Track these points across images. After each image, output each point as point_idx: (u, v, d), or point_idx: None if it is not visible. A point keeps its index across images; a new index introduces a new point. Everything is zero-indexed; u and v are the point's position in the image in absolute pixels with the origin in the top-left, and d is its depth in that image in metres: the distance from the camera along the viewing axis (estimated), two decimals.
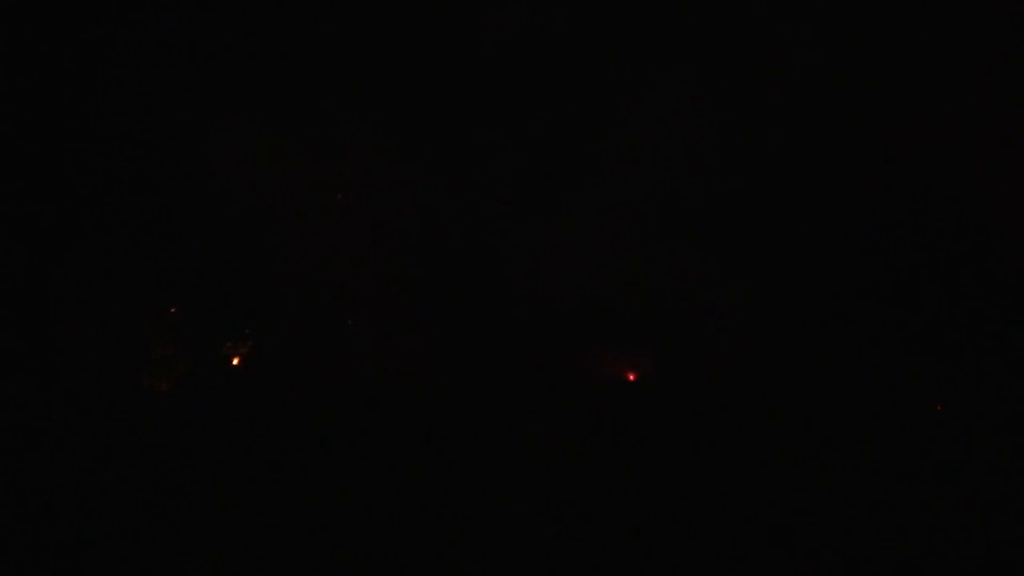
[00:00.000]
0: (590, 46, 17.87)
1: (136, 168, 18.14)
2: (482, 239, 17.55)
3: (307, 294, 17.63)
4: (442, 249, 17.84)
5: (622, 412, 14.82)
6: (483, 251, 17.35)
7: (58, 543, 7.42)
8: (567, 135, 17.75)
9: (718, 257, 17.33)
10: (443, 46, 18.00)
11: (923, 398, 16.04)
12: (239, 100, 17.87)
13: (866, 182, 18.20)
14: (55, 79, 18.23)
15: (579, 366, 16.66)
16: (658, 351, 17.16)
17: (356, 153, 17.82)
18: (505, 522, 7.88)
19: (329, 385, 16.71)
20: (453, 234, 17.88)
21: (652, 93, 17.64)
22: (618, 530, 7.63)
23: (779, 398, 15.52)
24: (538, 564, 6.89)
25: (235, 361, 18.58)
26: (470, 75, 17.86)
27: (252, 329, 18.64)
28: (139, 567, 6.92)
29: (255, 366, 18.10)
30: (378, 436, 13.09)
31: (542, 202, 17.49)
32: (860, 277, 18.37)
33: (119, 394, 16.69)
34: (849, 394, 16.40)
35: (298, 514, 8.19)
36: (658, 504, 8.50)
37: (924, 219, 17.91)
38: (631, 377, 17.30)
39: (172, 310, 18.69)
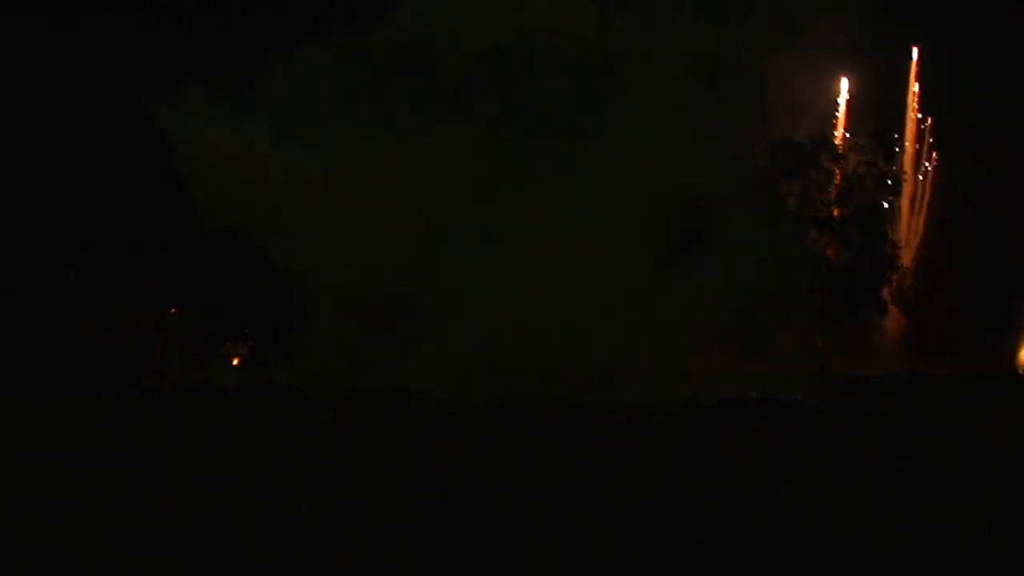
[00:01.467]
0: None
1: (137, 172, 18.19)
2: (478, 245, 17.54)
3: (306, 295, 17.64)
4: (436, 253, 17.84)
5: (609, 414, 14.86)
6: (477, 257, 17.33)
7: (58, 542, 7.42)
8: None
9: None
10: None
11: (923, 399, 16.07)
12: (240, 106, 17.91)
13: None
14: (58, 84, 18.27)
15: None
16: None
17: (353, 159, 17.84)
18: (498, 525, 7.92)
19: (327, 384, 16.73)
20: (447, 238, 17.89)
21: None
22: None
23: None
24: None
25: (235, 361, 18.62)
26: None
27: (252, 329, 18.68)
28: (140, 565, 6.92)
29: (255, 366, 18.12)
30: (376, 436, 13.09)
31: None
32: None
33: (119, 394, 16.71)
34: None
35: (297, 514, 8.20)
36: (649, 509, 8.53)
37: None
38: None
39: (172, 310, 18.73)
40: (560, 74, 17.82)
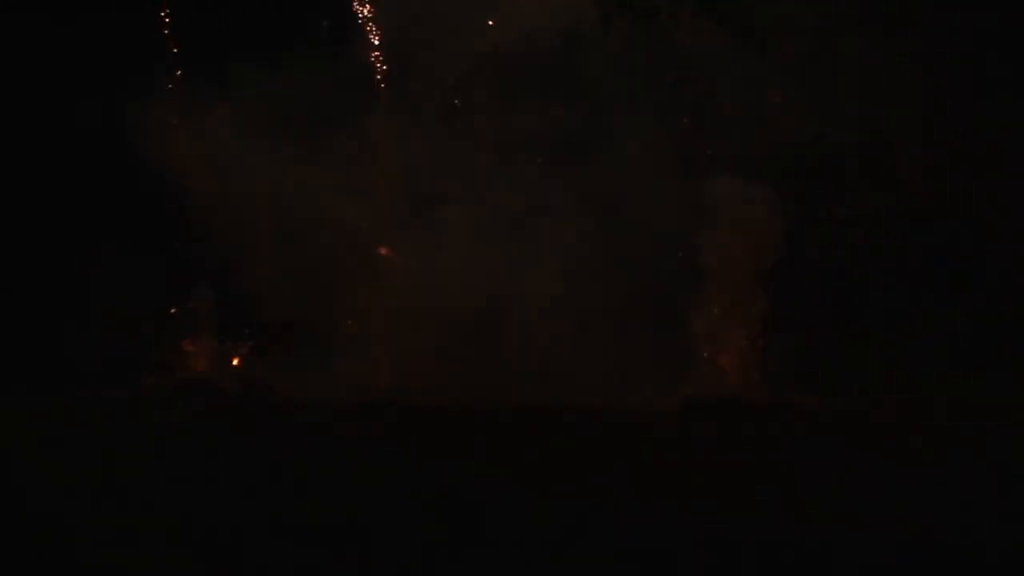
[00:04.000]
0: None
1: (136, 171, 18.19)
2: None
3: (307, 294, 17.68)
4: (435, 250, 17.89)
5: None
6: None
7: (57, 543, 7.43)
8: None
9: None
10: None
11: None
12: (240, 106, 17.93)
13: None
14: (59, 86, 18.29)
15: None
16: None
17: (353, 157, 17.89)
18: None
19: (327, 384, 16.75)
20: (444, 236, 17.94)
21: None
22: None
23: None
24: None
25: (235, 361, 18.59)
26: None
27: (252, 329, 18.65)
28: (139, 567, 6.94)
29: (255, 366, 18.11)
30: (376, 435, 13.12)
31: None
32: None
33: (119, 394, 16.73)
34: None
35: (297, 515, 8.22)
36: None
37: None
38: None
39: (172, 310, 18.71)
40: (557, 74, 17.83)
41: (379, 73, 18.29)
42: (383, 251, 17.95)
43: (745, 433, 13.00)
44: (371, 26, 18.30)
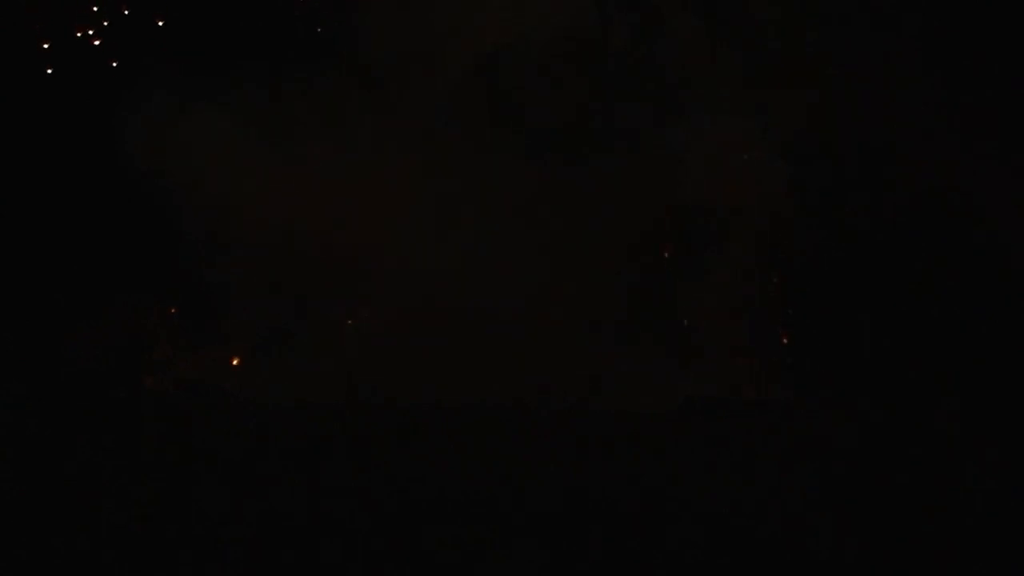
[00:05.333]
0: None
1: (136, 171, 18.19)
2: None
3: (307, 294, 17.67)
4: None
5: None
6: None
7: (57, 543, 7.43)
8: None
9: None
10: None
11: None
12: (240, 105, 17.92)
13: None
14: (56, 86, 18.29)
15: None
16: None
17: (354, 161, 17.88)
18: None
19: (328, 384, 16.75)
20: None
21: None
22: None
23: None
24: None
25: (235, 361, 18.58)
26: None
27: (250, 330, 18.64)
28: (138, 567, 6.93)
29: (255, 366, 18.11)
30: (377, 434, 13.10)
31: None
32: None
33: (119, 394, 16.71)
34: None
35: (298, 514, 8.21)
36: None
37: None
38: None
39: (172, 310, 18.70)
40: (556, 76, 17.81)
41: (373, 75, 18.25)
42: (380, 253, 17.93)
43: (745, 433, 13.00)
44: (367, 29, 18.29)
